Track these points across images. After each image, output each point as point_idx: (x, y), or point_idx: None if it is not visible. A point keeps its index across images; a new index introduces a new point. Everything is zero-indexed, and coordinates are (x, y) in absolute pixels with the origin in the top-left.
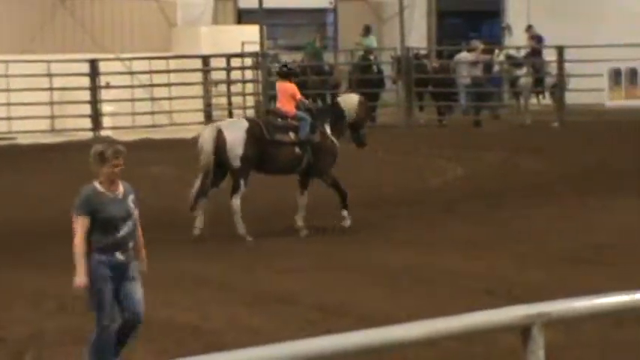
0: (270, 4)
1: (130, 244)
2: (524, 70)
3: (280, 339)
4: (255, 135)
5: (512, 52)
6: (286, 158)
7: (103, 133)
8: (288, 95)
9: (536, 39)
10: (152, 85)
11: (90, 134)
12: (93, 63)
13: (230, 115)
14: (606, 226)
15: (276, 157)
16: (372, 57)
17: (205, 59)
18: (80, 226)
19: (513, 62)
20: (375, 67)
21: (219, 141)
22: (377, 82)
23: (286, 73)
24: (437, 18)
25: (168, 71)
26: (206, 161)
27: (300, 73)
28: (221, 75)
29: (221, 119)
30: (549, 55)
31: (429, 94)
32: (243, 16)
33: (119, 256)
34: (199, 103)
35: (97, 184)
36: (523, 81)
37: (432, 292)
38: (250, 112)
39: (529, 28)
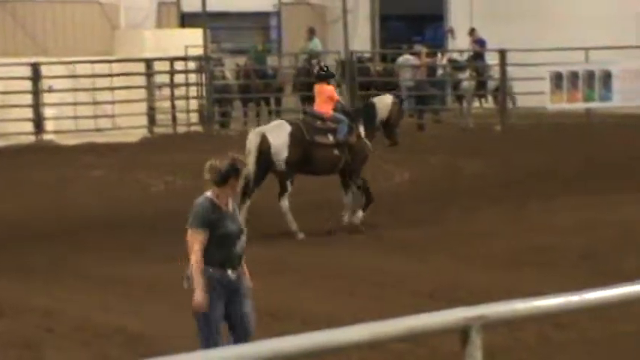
0: (213, 8)
1: (241, 261)
2: (466, 74)
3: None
4: (297, 138)
5: (455, 55)
6: (325, 159)
7: (46, 137)
8: (325, 97)
9: (479, 43)
10: (95, 89)
11: (32, 138)
12: (35, 66)
13: (174, 119)
14: (547, 228)
15: (316, 158)
16: (315, 61)
17: (149, 63)
18: (198, 240)
19: (456, 66)
20: None
21: (264, 145)
22: None
23: (324, 76)
24: (380, 21)
25: (111, 75)
26: (250, 165)
27: (246, 77)
28: (164, 78)
29: (160, 122)
30: (492, 59)
31: (372, 97)
32: (186, 20)
33: (231, 273)
34: (143, 107)
35: (212, 197)
36: (466, 84)
37: (377, 295)
38: (194, 116)
39: (472, 31)
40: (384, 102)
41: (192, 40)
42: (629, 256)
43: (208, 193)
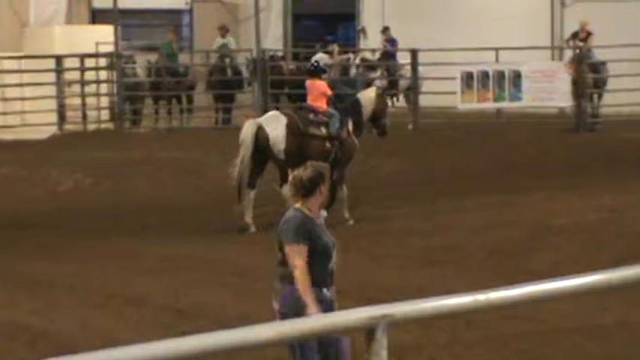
0: (124, 5)
1: (333, 278)
2: (378, 73)
3: (131, 341)
4: (292, 129)
5: (367, 54)
6: (317, 151)
7: None
8: (319, 92)
9: (391, 42)
10: (4, 86)
11: None
12: None
13: (84, 116)
14: (458, 227)
15: (309, 150)
16: (228, 59)
17: (59, 59)
18: (300, 254)
19: (368, 65)
20: (233, 69)
21: (262, 137)
22: (235, 83)
23: (315, 71)
24: (293, 20)
25: (20, 71)
26: (245, 155)
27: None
28: (75, 75)
29: (71, 119)
30: (403, 58)
31: (285, 95)
32: (97, 16)
33: (326, 291)
34: (52, 104)
35: (303, 209)
36: (377, 84)
37: None
38: (104, 114)
39: (385, 30)
40: (367, 96)
41: (103, 36)
42: (536, 255)
43: (297, 205)
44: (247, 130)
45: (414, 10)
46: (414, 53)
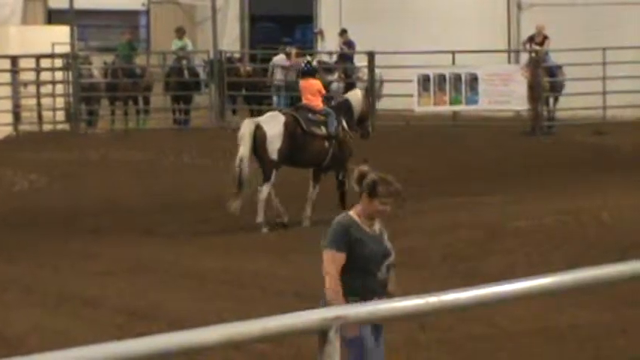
0: (81, 5)
1: (385, 289)
2: (335, 76)
3: (85, 343)
4: (291, 129)
5: (324, 57)
6: (317, 151)
7: None
8: (314, 91)
9: (348, 44)
10: None
11: None
12: None
13: (39, 117)
14: (413, 229)
15: (309, 149)
16: (185, 61)
17: (14, 60)
18: (333, 263)
19: (325, 67)
20: (190, 71)
21: (260, 135)
22: (193, 85)
23: (309, 71)
24: (250, 22)
25: None
26: (244, 153)
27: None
28: (30, 76)
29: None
30: (360, 61)
31: (242, 97)
32: (53, 17)
33: None
34: (8, 104)
35: (353, 216)
36: (334, 86)
37: (242, 296)
38: (60, 114)
39: (343, 33)
40: (356, 97)
41: (59, 37)
42: (491, 258)
43: (351, 211)
44: (245, 128)
45: (371, 13)
46: (371, 56)
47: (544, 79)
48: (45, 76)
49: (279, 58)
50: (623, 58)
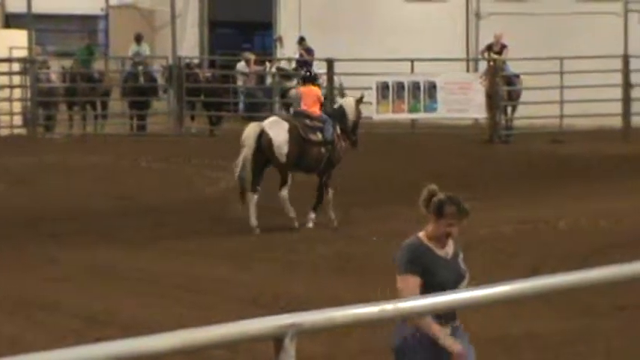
0: (39, 9)
1: (456, 314)
2: (294, 82)
3: (40, 348)
4: (294, 134)
5: (283, 64)
6: (315, 157)
7: None
8: (314, 98)
9: (307, 52)
10: None
11: None
12: None
13: None
14: (369, 236)
15: (308, 155)
16: (141, 66)
17: None
18: (412, 287)
19: (284, 74)
20: (147, 76)
21: (265, 141)
22: (149, 90)
23: (310, 78)
24: (209, 28)
25: None
26: (247, 157)
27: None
28: None
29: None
30: (319, 68)
31: (200, 103)
32: (11, 21)
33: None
34: None
35: (423, 238)
36: (293, 93)
37: (201, 301)
38: (17, 119)
39: (301, 40)
40: (350, 104)
41: (17, 41)
42: None
43: (421, 233)
44: (250, 132)
45: (330, 21)
46: (330, 63)
47: (502, 88)
48: (2, 80)
49: (242, 65)
50: (580, 68)
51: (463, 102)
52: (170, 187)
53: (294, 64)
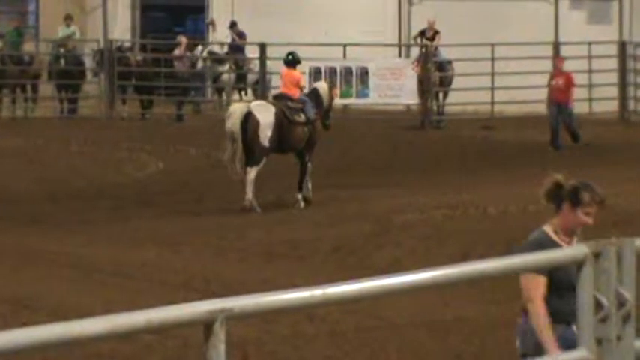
0: None
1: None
2: (226, 67)
3: None
4: (280, 117)
5: (215, 48)
6: (298, 137)
7: None
8: (294, 81)
9: (239, 36)
10: None
11: None
12: None
13: None
14: (302, 221)
15: (293, 136)
16: (64, 49)
17: None
18: (537, 287)
19: (216, 58)
20: (74, 59)
21: (252, 122)
22: (77, 73)
23: (292, 61)
24: (141, 11)
25: None
26: (234, 128)
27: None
28: None
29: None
30: (251, 52)
31: (132, 87)
32: None
33: (575, 329)
34: None
35: (549, 232)
36: (225, 77)
37: (130, 286)
38: None
39: (233, 24)
40: (323, 87)
41: None
42: (379, 250)
43: (546, 227)
44: (236, 112)
45: (263, 5)
46: (262, 47)
47: (434, 74)
48: None
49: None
50: (511, 54)
51: (395, 88)
52: (100, 171)
53: (226, 49)
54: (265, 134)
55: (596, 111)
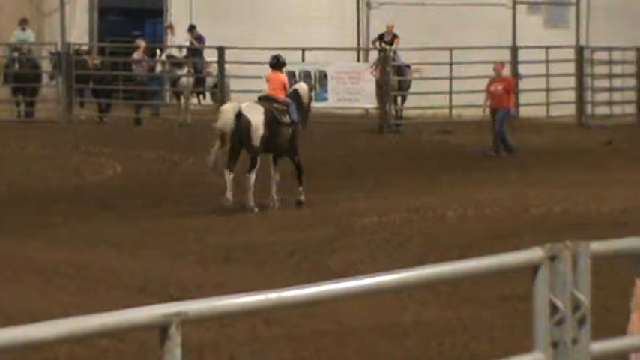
0: None
1: None
2: (185, 70)
3: None
4: (269, 118)
5: (173, 51)
6: (284, 138)
7: None
8: (280, 84)
9: (198, 39)
10: None
11: None
12: None
13: None
14: (260, 225)
15: (279, 137)
16: (17, 53)
17: None
18: None
19: (174, 62)
20: (29, 62)
21: (243, 122)
22: (32, 77)
23: (278, 64)
24: (99, 14)
25: None
26: (223, 128)
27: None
28: None
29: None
30: (210, 56)
31: (90, 90)
32: None
33: None
34: None
35: None
36: (184, 81)
37: (87, 289)
38: None
39: (192, 28)
40: (303, 89)
41: None
42: (337, 254)
43: None
44: (228, 112)
45: (221, 9)
46: (221, 51)
47: (392, 78)
48: None
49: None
50: (469, 59)
51: (354, 91)
52: (57, 175)
53: (184, 52)
54: (257, 134)
55: (553, 115)
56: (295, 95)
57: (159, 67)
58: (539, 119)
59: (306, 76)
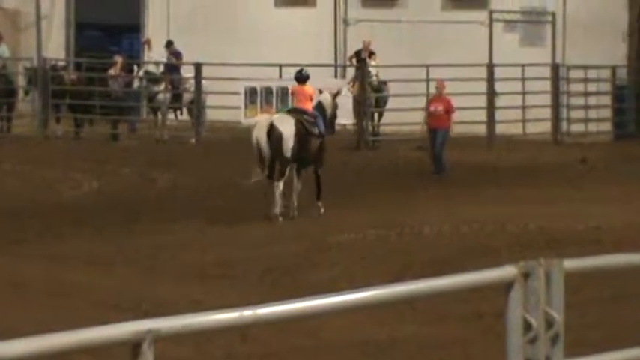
0: None
1: None
2: (162, 86)
3: None
4: (299, 129)
5: (151, 67)
6: (314, 149)
7: None
8: (307, 96)
9: (175, 55)
10: None
11: None
12: None
13: None
14: (234, 242)
15: (309, 148)
16: (1, 67)
17: None
18: None
19: (151, 78)
20: (4, 78)
21: (275, 134)
22: (7, 92)
23: (303, 78)
24: (76, 30)
25: None
26: (260, 135)
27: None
28: None
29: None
30: (187, 72)
31: (66, 105)
32: None
33: None
34: None
35: None
36: (161, 97)
37: (61, 306)
38: None
39: (169, 44)
40: (327, 99)
41: None
42: (314, 270)
43: None
44: (262, 123)
45: (199, 25)
46: (198, 67)
47: (369, 94)
48: None
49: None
50: (446, 76)
51: None
52: (33, 191)
53: (161, 68)
54: (288, 146)
55: (529, 132)
56: (320, 107)
57: (136, 83)
58: (515, 136)
59: (283, 92)
